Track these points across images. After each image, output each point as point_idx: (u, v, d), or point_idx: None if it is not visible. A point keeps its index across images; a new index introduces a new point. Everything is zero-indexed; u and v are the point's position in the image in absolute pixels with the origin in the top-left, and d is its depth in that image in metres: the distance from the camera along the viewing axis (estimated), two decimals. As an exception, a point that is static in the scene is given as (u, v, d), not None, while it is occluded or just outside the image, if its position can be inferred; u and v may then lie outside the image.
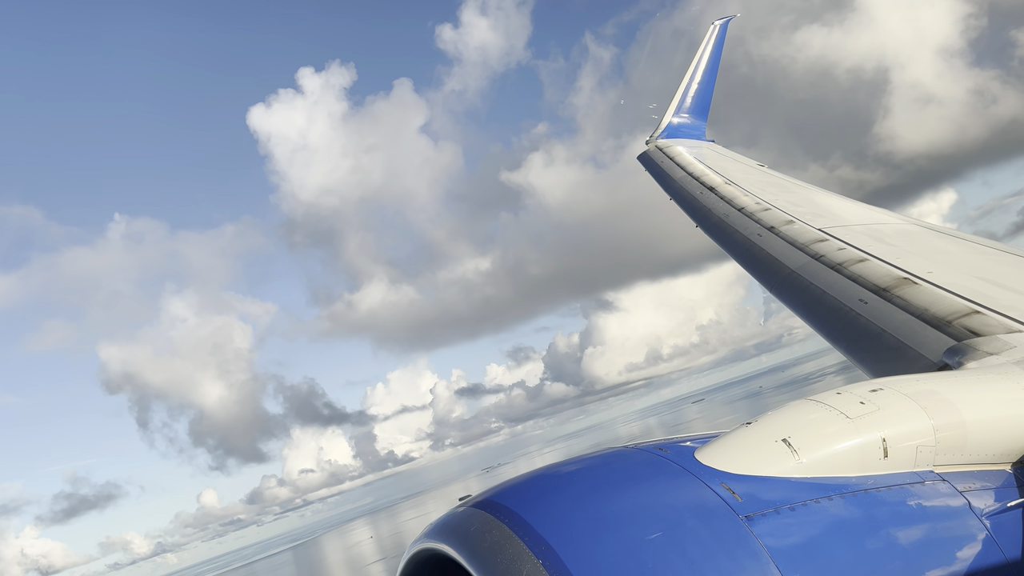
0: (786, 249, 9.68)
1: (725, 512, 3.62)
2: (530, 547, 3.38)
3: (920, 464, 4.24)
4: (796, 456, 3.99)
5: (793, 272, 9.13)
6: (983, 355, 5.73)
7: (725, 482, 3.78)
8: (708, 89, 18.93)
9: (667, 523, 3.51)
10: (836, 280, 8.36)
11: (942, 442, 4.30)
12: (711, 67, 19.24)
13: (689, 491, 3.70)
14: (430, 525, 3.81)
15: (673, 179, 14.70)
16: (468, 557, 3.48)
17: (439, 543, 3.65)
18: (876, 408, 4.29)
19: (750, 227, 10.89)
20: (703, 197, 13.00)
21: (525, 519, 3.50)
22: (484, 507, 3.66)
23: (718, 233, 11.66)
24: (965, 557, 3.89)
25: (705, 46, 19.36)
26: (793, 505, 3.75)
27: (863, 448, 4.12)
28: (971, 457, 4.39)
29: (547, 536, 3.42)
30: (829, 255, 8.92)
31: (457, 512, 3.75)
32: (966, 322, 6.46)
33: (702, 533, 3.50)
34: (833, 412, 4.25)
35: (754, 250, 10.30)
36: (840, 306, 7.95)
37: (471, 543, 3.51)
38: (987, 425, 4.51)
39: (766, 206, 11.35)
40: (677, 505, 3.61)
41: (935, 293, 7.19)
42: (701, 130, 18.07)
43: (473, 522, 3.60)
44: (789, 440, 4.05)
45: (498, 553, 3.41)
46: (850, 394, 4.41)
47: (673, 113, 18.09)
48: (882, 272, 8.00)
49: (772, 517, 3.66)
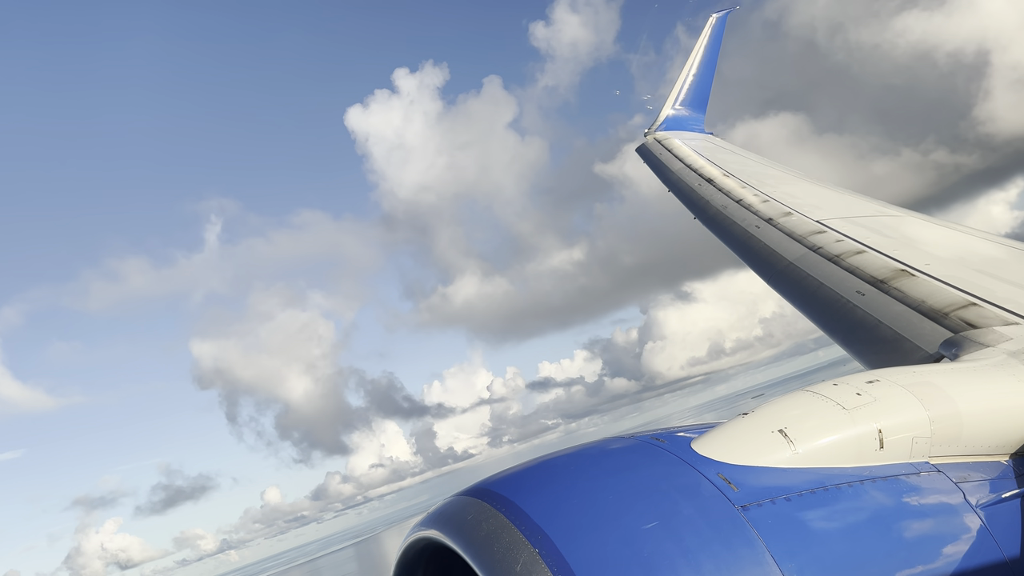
0: (784, 241, 9.67)
1: (721, 502, 3.63)
2: (526, 535, 3.39)
3: (916, 455, 4.25)
4: (792, 446, 4.00)
5: (791, 264, 9.13)
6: (979, 347, 5.74)
7: (721, 472, 3.79)
8: (706, 82, 18.92)
9: (663, 512, 3.52)
10: (833, 272, 8.36)
11: (938, 433, 4.31)
12: (709, 60, 19.23)
13: (685, 481, 3.70)
14: (427, 514, 3.82)
15: (671, 171, 14.68)
16: (464, 546, 3.48)
17: (435, 532, 3.66)
18: (872, 399, 4.30)
19: (748, 219, 10.88)
20: (701, 189, 12.98)
21: (521, 508, 3.51)
22: (480, 495, 3.66)
23: (716, 225, 11.65)
24: (960, 548, 3.90)
25: (704, 39, 19.33)
26: (789, 495, 3.76)
27: (859, 439, 4.12)
28: (967, 448, 4.40)
29: (543, 525, 3.42)
30: (827, 247, 8.91)
31: (453, 500, 3.75)
32: (963, 314, 6.47)
33: (698, 522, 3.51)
34: (829, 403, 4.26)
35: (752, 242, 10.30)
36: (837, 298, 7.95)
37: (467, 532, 3.51)
38: (983, 416, 4.52)
39: (764, 198, 11.33)
40: (673, 494, 3.62)
41: (932, 285, 7.20)
42: (699, 122, 18.07)
43: (469, 511, 3.60)
44: (785, 431, 4.06)
45: (494, 541, 3.41)
46: (846, 385, 4.42)
47: (671, 105, 18.08)
48: (880, 264, 8.00)
49: (768, 507, 3.67)
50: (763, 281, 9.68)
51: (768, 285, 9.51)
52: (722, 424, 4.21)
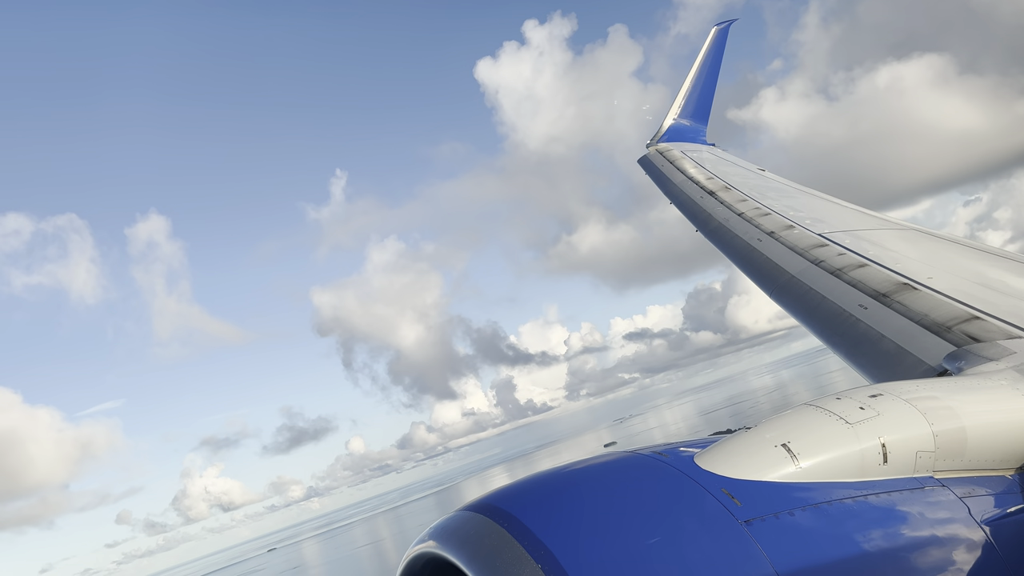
0: (786, 254, 9.68)
1: (725, 517, 3.61)
2: (529, 551, 3.37)
3: (920, 470, 4.23)
4: (796, 461, 3.98)
5: (793, 277, 9.13)
6: (983, 361, 5.72)
7: (725, 487, 3.77)
8: (709, 93, 18.98)
9: (666, 528, 3.50)
10: (836, 285, 8.36)
11: (942, 448, 4.29)
12: (712, 71, 19.30)
13: (689, 496, 3.69)
14: (429, 528, 3.80)
15: (673, 183, 14.71)
16: (467, 562, 3.46)
17: (438, 547, 3.64)
18: (876, 413, 4.28)
19: (750, 232, 10.89)
20: (703, 201, 12.99)
21: (524, 523, 3.49)
22: (483, 511, 3.65)
23: (718, 238, 11.66)
24: (965, 563, 3.88)
25: (706, 50, 19.40)
26: (792, 510, 3.74)
27: (863, 453, 4.11)
28: (971, 463, 4.38)
29: (546, 541, 3.41)
30: (829, 260, 8.91)
31: (456, 515, 3.73)
32: (966, 328, 6.46)
33: (701, 538, 3.49)
34: (832, 417, 4.24)
35: (754, 255, 10.31)
36: (840, 311, 7.95)
37: (470, 547, 3.49)
38: (987, 431, 4.50)
39: (766, 211, 11.35)
40: (677, 510, 3.60)
41: (935, 299, 7.19)
42: (702, 133, 18.12)
43: (472, 526, 3.58)
44: (789, 445, 4.04)
45: (497, 557, 3.39)
46: (850, 399, 4.40)
47: (674, 117, 18.13)
48: (882, 278, 8.00)
49: (771, 522, 3.65)
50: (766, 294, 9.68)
51: (771, 298, 9.52)
52: (725, 439, 4.20)
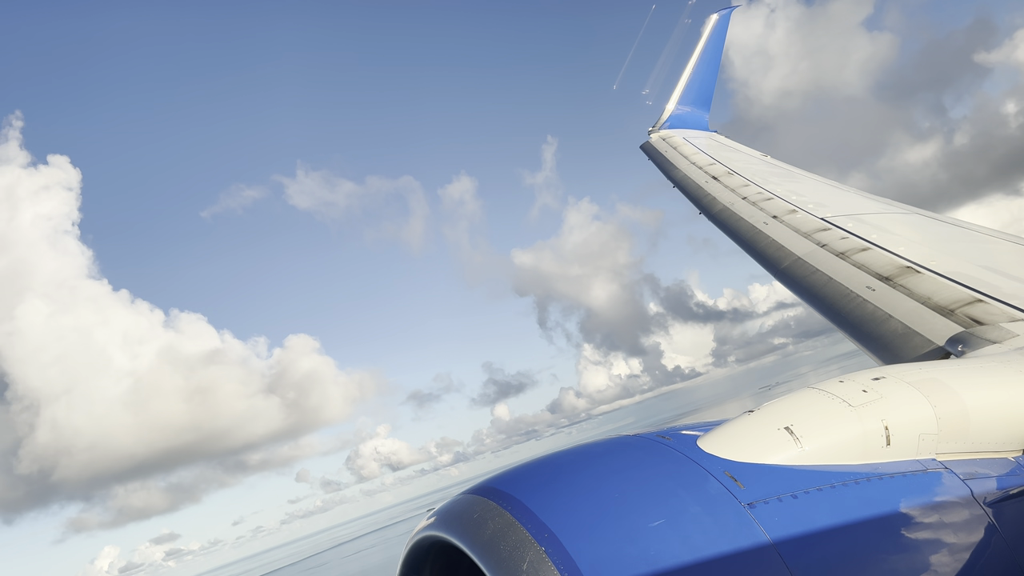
0: (791, 237, 9.70)
1: (727, 499, 3.62)
2: (532, 534, 3.39)
3: (923, 452, 4.24)
4: (799, 444, 3.99)
5: (799, 259, 9.17)
6: (986, 343, 5.72)
7: (728, 470, 3.78)
8: (710, 79, 18.97)
9: (670, 510, 3.52)
10: (842, 267, 8.37)
11: (945, 430, 4.30)
12: (713, 58, 19.28)
13: (692, 479, 3.70)
14: (432, 512, 3.82)
15: (677, 169, 14.71)
16: (470, 544, 3.48)
17: (441, 531, 3.66)
18: (879, 396, 4.29)
19: (755, 215, 10.91)
20: (707, 186, 12.99)
21: (528, 506, 3.51)
22: (486, 494, 3.66)
23: (722, 222, 11.68)
24: (968, 544, 3.89)
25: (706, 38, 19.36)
26: (795, 493, 3.75)
27: (865, 436, 4.12)
28: (974, 445, 4.39)
29: (550, 523, 3.42)
30: (832, 244, 8.93)
31: (459, 499, 3.75)
32: (969, 311, 6.45)
33: (705, 520, 3.50)
34: (835, 400, 4.25)
35: (759, 237, 10.33)
36: (847, 292, 7.96)
37: (473, 530, 3.51)
38: (990, 413, 4.50)
39: (769, 195, 11.36)
40: (680, 492, 3.61)
41: (938, 282, 7.19)
42: (704, 120, 18.13)
43: (476, 509, 3.60)
44: (791, 428, 4.05)
45: (500, 540, 3.41)
46: (852, 382, 4.41)
47: (676, 103, 18.12)
48: (884, 261, 8.00)
49: (774, 505, 3.66)
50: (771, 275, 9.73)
51: (776, 279, 9.56)
52: (728, 422, 4.21)
